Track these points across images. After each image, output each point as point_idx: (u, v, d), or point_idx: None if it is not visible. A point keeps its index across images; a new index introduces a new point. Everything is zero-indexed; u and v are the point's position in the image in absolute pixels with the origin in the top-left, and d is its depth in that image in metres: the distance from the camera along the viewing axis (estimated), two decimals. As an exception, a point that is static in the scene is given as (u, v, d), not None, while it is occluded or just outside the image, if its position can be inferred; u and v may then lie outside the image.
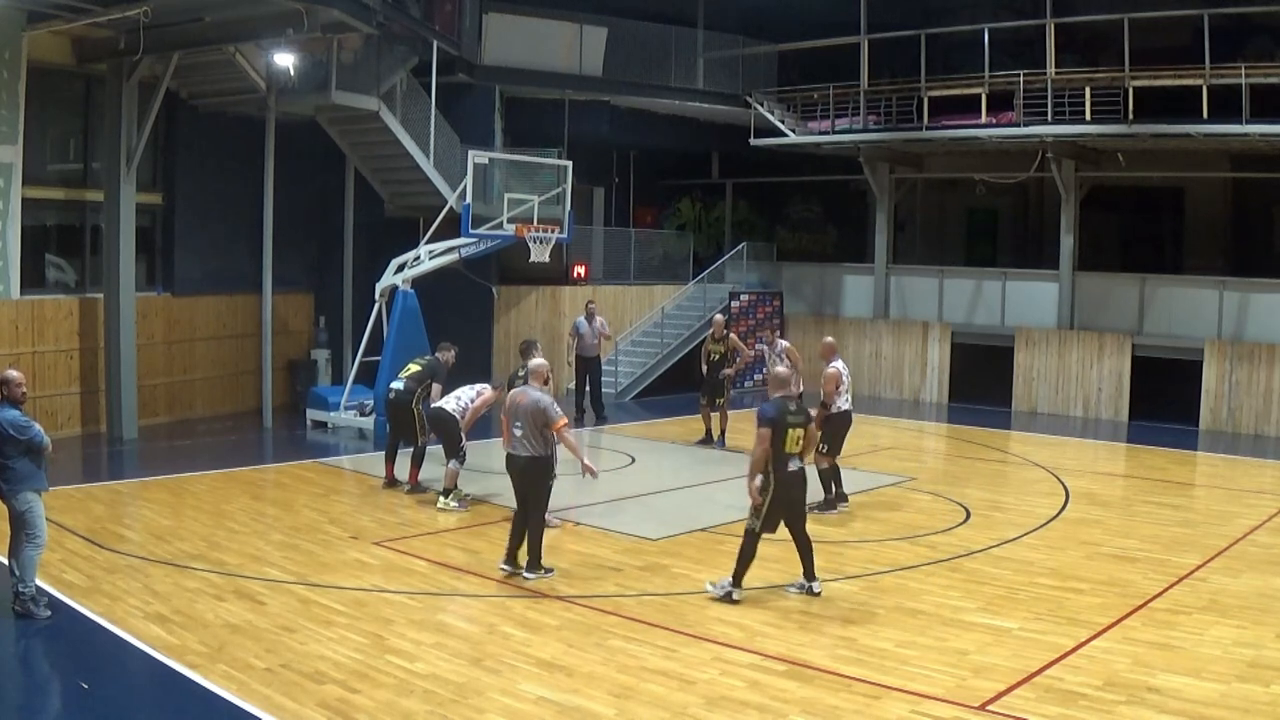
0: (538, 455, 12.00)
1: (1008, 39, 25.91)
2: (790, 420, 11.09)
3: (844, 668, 9.44)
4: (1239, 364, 23.19)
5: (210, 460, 18.40)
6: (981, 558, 13.19)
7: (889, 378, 28.38)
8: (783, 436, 11.02)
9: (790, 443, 11.08)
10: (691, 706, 8.63)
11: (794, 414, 11.18)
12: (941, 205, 32.34)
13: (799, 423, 11.18)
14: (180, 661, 9.33)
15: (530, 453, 11.96)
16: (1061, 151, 25.13)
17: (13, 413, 10.28)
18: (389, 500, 15.85)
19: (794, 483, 11.22)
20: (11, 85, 18.79)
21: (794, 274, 31.49)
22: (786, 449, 11.07)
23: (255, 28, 18.84)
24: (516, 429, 11.97)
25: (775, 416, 11.04)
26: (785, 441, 11.04)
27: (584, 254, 28.33)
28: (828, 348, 15.75)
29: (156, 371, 21.90)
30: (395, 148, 23.21)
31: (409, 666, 9.35)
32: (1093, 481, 18.20)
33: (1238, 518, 15.39)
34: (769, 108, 28.36)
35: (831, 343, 15.99)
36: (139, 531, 13.85)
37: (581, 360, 23.53)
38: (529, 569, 11.98)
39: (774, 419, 11.03)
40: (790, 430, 11.06)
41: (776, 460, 11.06)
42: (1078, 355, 25.48)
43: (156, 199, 22.54)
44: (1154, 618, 10.89)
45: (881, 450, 20.78)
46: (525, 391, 12.14)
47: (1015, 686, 9.04)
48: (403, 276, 20.87)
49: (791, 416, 11.13)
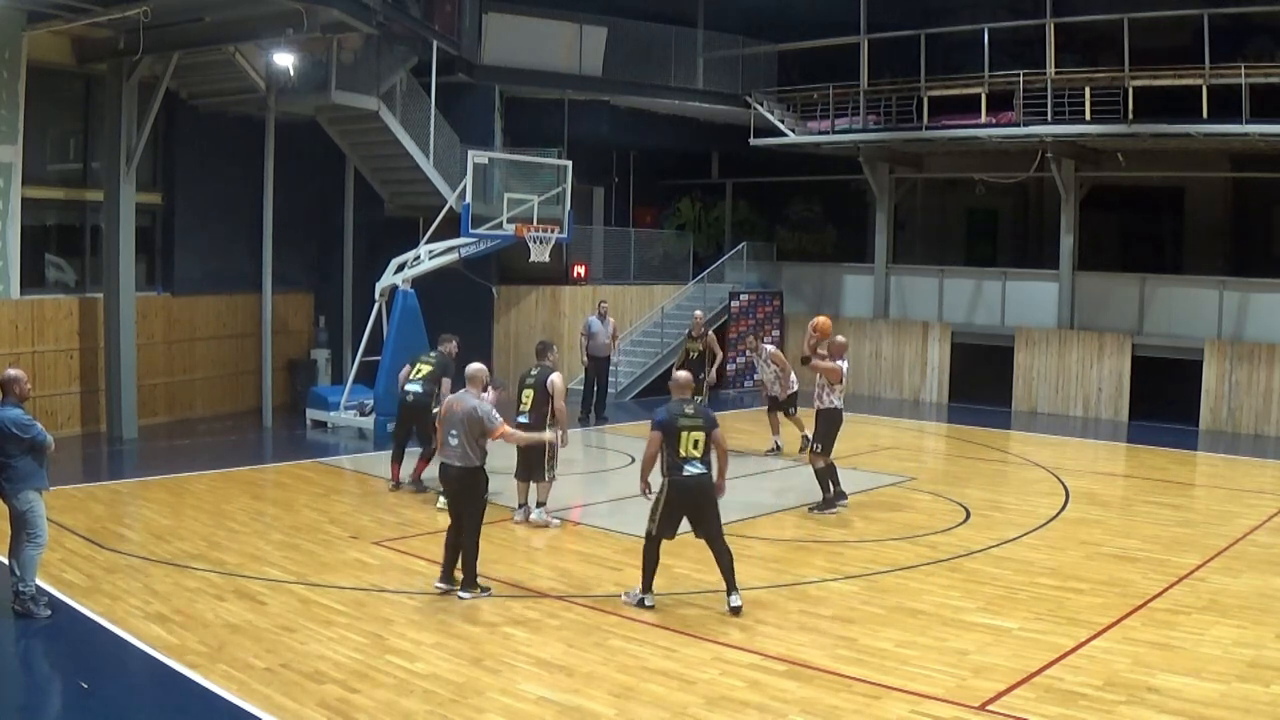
0: (471, 466, 11.31)
1: (1007, 39, 25.91)
2: (683, 424, 10.91)
3: (844, 668, 9.44)
4: (1239, 364, 23.19)
5: (210, 460, 18.40)
6: (981, 558, 13.19)
7: (889, 378, 28.37)
8: (675, 439, 10.87)
9: (686, 446, 10.87)
10: (691, 706, 8.63)
11: (689, 417, 10.97)
12: (941, 205, 32.33)
13: (695, 426, 10.93)
14: (180, 661, 9.33)
15: (464, 463, 11.27)
16: (1061, 151, 25.13)
17: (15, 411, 10.28)
18: (389, 500, 15.86)
19: (690, 486, 10.92)
20: (11, 85, 18.79)
21: (794, 274, 31.49)
22: (682, 453, 10.88)
23: (255, 28, 18.84)
24: (451, 438, 11.30)
25: (665, 420, 10.96)
26: (680, 445, 10.87)
27: (584, 254, 28.32)
28: (839, 346, 15.62)
29: (156, 371, 21.90)
30: (395, 148, 23.21)
31: (409, 666, 9.35)
32: (1093, 481, 18.20)
33: (1238, 518, 15.39)
34: (769, 108, 28.35)
35: (843, 342, 15.90)
36: (139, 531, 13.85)
37: (593, 360, 23.52)
38: (464, 588, 11.31)
39: (663, 422, 10.96)
40: (685, 433, 10.87)
41: (670, 463, 10.93)
42: (1078, 355, 25.47)
43: (156, 199, 22.55)
44: (1154, 618, 10.89)
45: (881, 450, 20.78)
46: (462, 398, 11.49)
47: (1015, 686, 9.04)
48: (403, 276, 20.87)
49: (685, 420, 10.93)
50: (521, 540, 13.77)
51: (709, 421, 11.04)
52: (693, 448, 10.88)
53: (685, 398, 11.27)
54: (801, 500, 15.71)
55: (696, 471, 10.90)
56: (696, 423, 10.93)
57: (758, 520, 14.79)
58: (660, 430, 10.94)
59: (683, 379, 11.48)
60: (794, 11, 27.79)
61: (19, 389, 10.46)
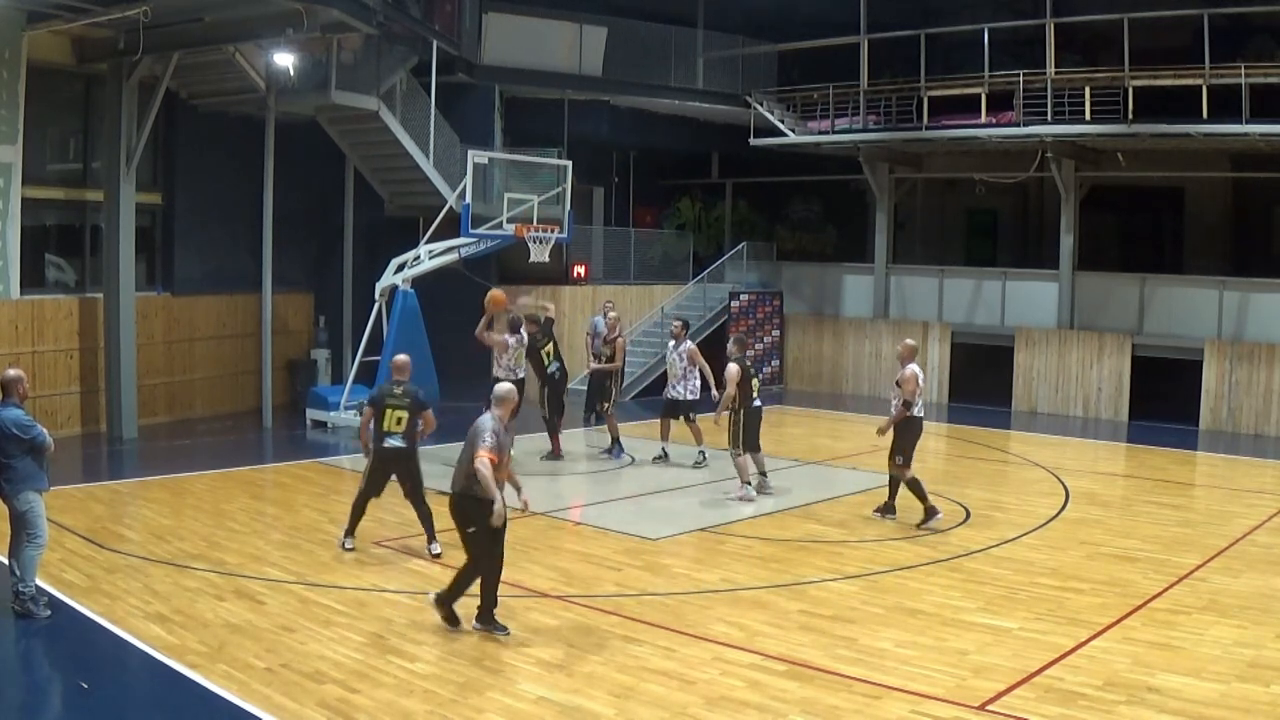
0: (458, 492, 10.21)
1: (1007, 39, 25.92)
2: (389, 402, 12.64)
3: (844, 668, 9.44)
4: (1239, 364, 23.19)
5: (210, 460, 18.40)
6: (981, 558, 13.19)
7: (889, 377, 28.22)
8: (382, 415, 12.61)
9: (389, 421, 12.58)
10: (691, 706, 8.63)
11: (395, 397, 12.66)
12: (941, 205, 32.35)
13: (400, 405, 12.60)
14: (180, 661, 9.33)
15: (459, 487, 10.16)
16: (1061, 151, 25.13)
17: (16, 412, 10.28)
18: (389, 500, 15.84)
19: (389, 456, 12.69)
20: (11, 85, 18.80)
21: (794, 274, 31.48)
22: (385, 427, 12.61)
23: (255, 28, 18.83)
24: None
25: (376, 397, 12.88)
26: (385, 420, 12.60)
27: (584, 254, 28.34)
28: (909, 350, 15.07)
29: (156, 371, 21.89)
30: (395, 147, 23.22)
31: (409, 666, 9.36)
32: (1093, 481, 18.20)
33: (1238, 518, 15.39)
34: (769, 107, 28.36)
35: (913, 345, 15.32)
36: (139, 531, 13.85)
37: (598, 360, 23.35)
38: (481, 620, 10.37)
39: (374, 399, 12.88)
40: (390, 410, 12.59)
41: (376, 435, 12.68)
42: (1078, 355, 25.48)
43: (156, 199, 22.54)
44: (1154, 618, 10.89)
45: (881, 450, 20.71)
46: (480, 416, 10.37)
47: (1015, 686, 9.04)
48: (403, 276, 20.88)
49: (392, 399, 12.65)
50: (521, 540, 13.76)
51: (415, 403, 12.67)
52: (395, 424, 12.62)
53: (400, 379, 12.85)
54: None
55: (395, 444, 12.64)
56: (402, 402, 12.65)
57: (759, 520, 14.80)
58: (371, 406, 12.85)
59: (399, 362, 13.11)
60: (794, 11, 27.81)
61: (20, 389, 10.47)
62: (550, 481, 17.17)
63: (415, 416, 12.71)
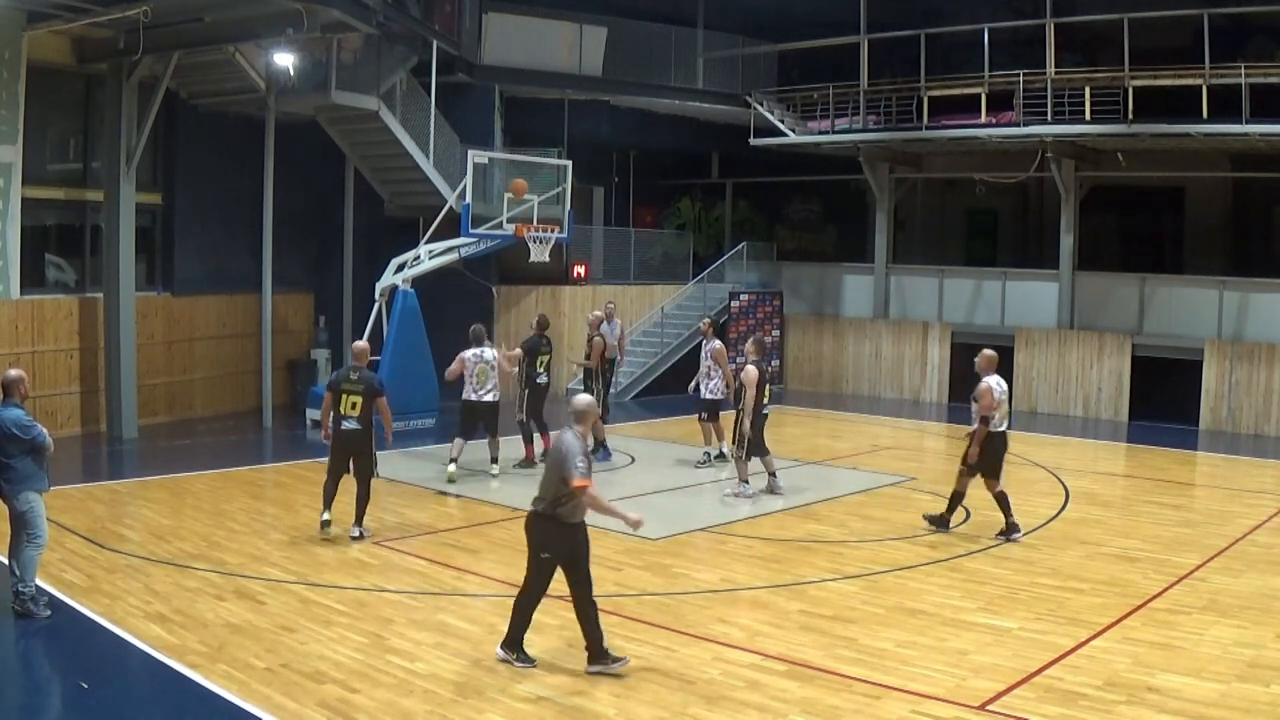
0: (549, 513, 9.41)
1: (1007, 39, 25.92)
2: (345, 387, 13.36)
3: (844, 668, 9.43)
4: (1239, 364, 23.19)
5: (210, 460, 18.41)
6: (982, 558, 13.19)
7: (889, 377, 28.38)
8: (339, 399, 13.36)
9: (345, 406, 13.33)
10: (691, 706, 8.63)
11: (351, 382, 13.37)
12: (941, 205, 32.34)
13: (354, 390, 13.30)
14: (180, 661, 9.33)
15: (543, 508, 9.45)
16: (1061, 151, 25.14)
17: (16, 412, 10.27)
18: (389, 500, 15.87)
19: (344, 439, 13.42)
20: (11, 85, 18.80)
21: (794, 274, 31.50)
22: (342, 410, 13.37)
23: (255, 28, 18.84)
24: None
25: (333, 382, 13.61)
26: (341, 404, 13.35)
27: (584, 254, 28.35)
28: (987, 361, 14.05)
29: (156, 371, 21.90)
30: (395, 147, 23.22)
31: (409, 666, 9.35)
32: (1093, 481, 18.20)
33: (1238, 518, 15.39)
34: (769, 107, 28.37)
35: (992, 355, 14.17)
36: (139, 531, 13.84)
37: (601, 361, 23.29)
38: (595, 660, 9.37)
39: (331, 384, 13.64)
40: (345, 395, 13.32)
41: (335, 419, 13.47)
42: (1078, 355, 25.48)
43: (156, 199, 22.55)
44: (1154, 618, 10.89)
45: (881, 450, 20.80)
46: (561, 434, 9.58)
47: (1015, 686, 9.04)
48: (403, 276, 20.89)
49: (348, 384, 13.37)
50: (520, 541, 13.73)
51: (369, 388, 13.35)
52: (350, 408, 13.34)
53: (356, 365, 13.59)
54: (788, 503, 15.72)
55: (350, 427, 13.36)
56: (357, 388, 13.34)
57: (759, 520, 14.80)
58: (329, 390, 13.61)
59: (358, 348, 13.94)
60: (794, 11, 27.82)
61: (21, 389, 10.47)
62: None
63: (370, 401, 13.37)
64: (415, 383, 20.39)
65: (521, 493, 16.12)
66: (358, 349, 13.94)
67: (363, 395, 13.30)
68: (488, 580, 11.95)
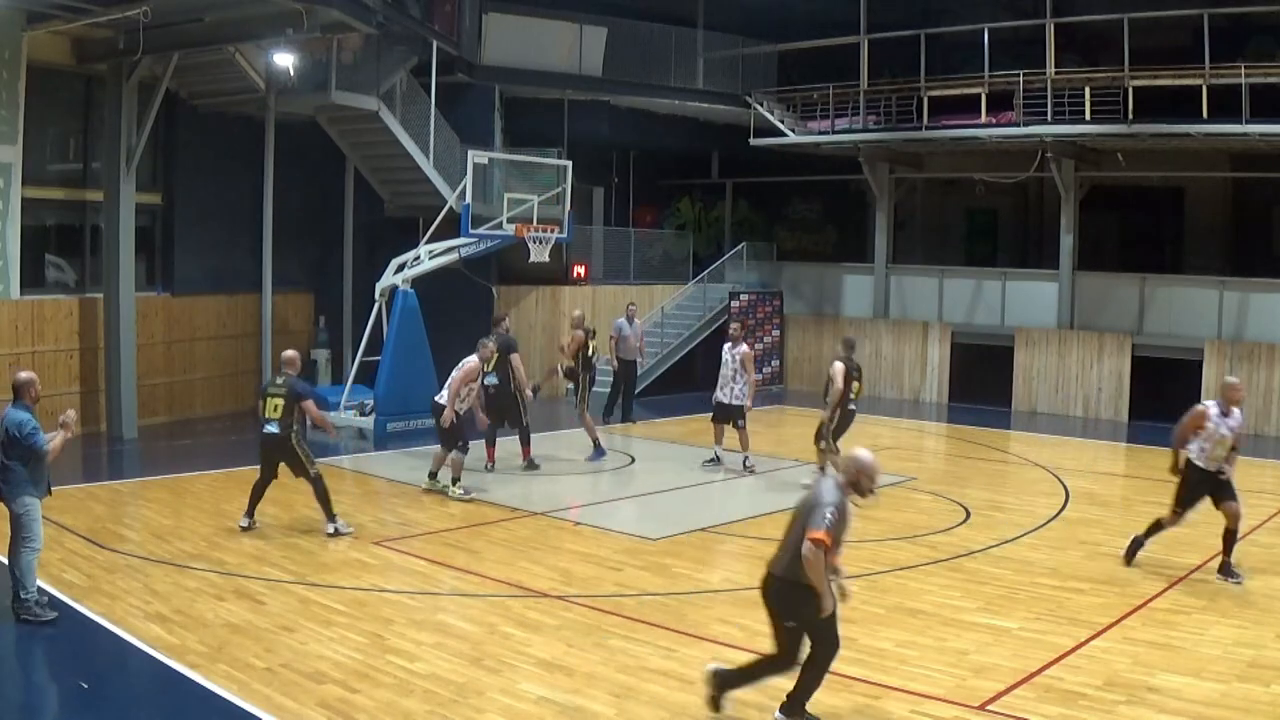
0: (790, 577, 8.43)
1: (1007, 39, 25.93)
2: (270, 390, 13.72)
3: (844, 668, 9.40)
4: (1239, 364, 23.17)
5: (210, 460, 18.40)
6: (982, 557, 13.20)
7: (889, 377, 28.37)
8: (263, 403, 13.68)
9: (268, 409, 13.55)
10: (692, 706, 8.63)
11: (276, 386, 13.70)
12: (941, 205, 32.33)
13: (277, 394, 13.56)
14: (180, 661, 9.33)
15: (781, 570, 8.52)
16: (1061, 151, 25.13)
17: (21, 415, 10.24)
18: (389, 500, 15.88)
19: (265, 442, 13.72)
20: (11, 85, 18.82)
21: (794, 274, 31.49)
22: (265, 414, 13.63)
23: (255, 28, 18.86)
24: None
25: (260, 387, 14.22)
26: (265, 407, 13.64)
27: (584, 254, 28.34)
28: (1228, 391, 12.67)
29: (156, 371, 21.90)
30: (395, 148, 23.22)
31: (409, 666, 9.35)
32: (1093, 481, 18.20)
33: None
34: (769, 107, 28.36)
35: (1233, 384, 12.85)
36: (139, 531, 13.85)
37: (621, 363, 23.27)
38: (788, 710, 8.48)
39: (258, 389, 14.22)
40: (268, 399, 13.61)
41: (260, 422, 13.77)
42: (1078, 355, 25.48)
43: (156, 199, 22.56)
44: (1154, 617, 10.89)
45: (882, 450, 20.74)
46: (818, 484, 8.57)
47: (1015, 686, 9.05)
48: (403, 276, 20.88)
49: (273, 389, 13.70)
50: (522, 540, 13.76)
51: (292, 393, 13.57)
52: (272, 410, 13.57)
53: (288, 371, 13.85)
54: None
55: (270, 430, 13.59)
56: (280, 391, 13.60)
57: (759, 520, 14.79)
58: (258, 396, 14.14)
59: (286, 356, 14.14)
60: (794, 11, 27.83)
61: (31, 392, 10.43)
62: (550, 482, 17.16)
63: (291, 405, 13.57)
64: (415, 382, 20.36)
65: (520, 493, 16.20)
66: (287, 357, 14.17)
67: (284, 398, 13.54)
68: (487, 580, 11.94)
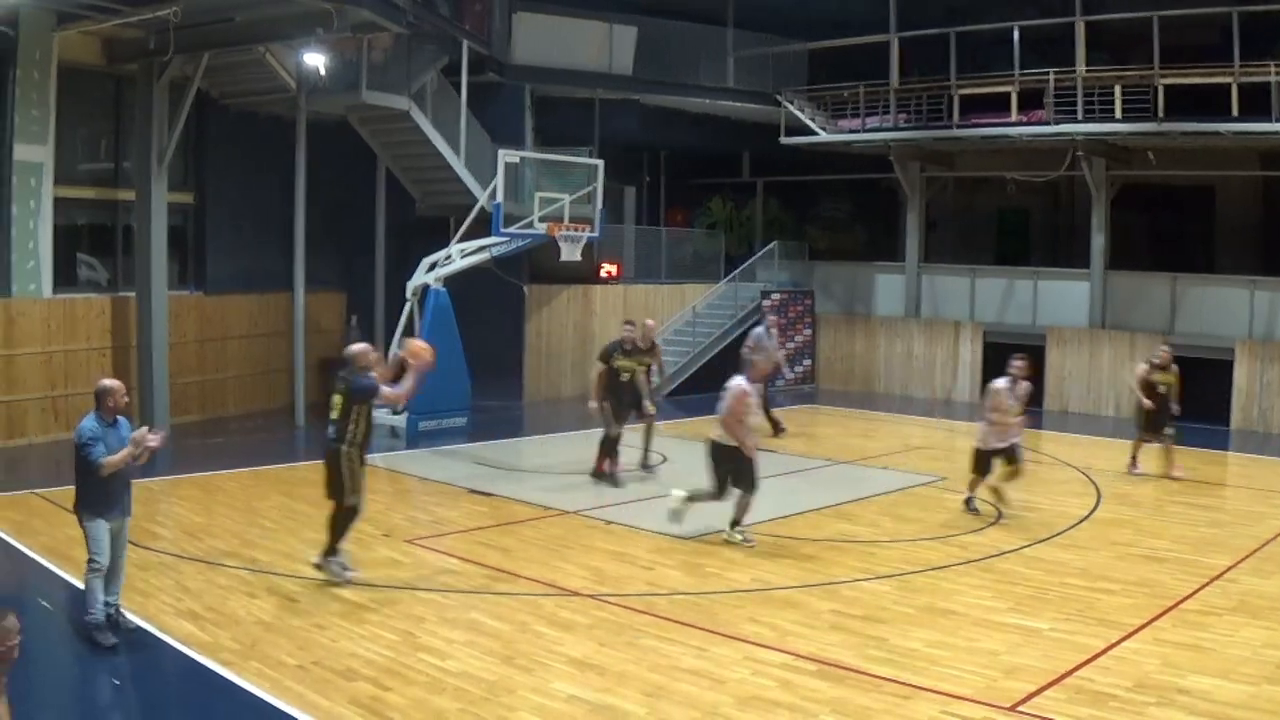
0: None
1: (1037, 37, 25.82)
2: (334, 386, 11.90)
3: (875, 668, 9.43)
4: (1270, 364, 23.06)
5: (242, 458, 18.51)
6: (1013, 558, 13.16)
7: (920, 377, 28.32)
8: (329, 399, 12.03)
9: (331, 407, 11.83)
10: (723, 706, 8.64)
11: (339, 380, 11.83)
12: (972, 204, 32.23)
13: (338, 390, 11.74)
14: (213, 658, 9.40)
15: None
16: (1092, 150, 25.04)
17: (85, 424, 9.83)
18: (420, 498, 15.94)
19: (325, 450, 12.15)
20: (42, 86, 18.95)
21: (825, 273, 31.45)
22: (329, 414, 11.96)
23: (285, 27, 18.90)
24: None
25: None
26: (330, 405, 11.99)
27: (615, 253, 28.36)
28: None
29: (188, 370, 22.00)
30: (426, 147, 23.28)
31: (440, 664, 9.39)
32: (1124, 482, 18.12)
33: (1268, 518, 15.29)
34: (799, 106, 28.35)
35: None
36: (171, 529, 13.93)
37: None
38: None
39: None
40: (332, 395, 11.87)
41: None
42: (1109, 355, 25.38)
43: (188, 198, 22.67)
44: (1184, 619, 10.85)
45: (913, 450, 20.76)
46: None
47: (1046, 687, 9.02)
48: (434, 275, 20.95)
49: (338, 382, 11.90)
50: (554, 539, 13.79)
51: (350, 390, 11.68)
52: (333, 410, 11.80)
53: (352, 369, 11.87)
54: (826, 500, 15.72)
55: (328, 434, 11.87)
56: (340, 388, 11.78)
57: (790, 520, 14.79)
58: None
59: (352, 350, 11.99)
60: (824, 10, 27.80)
61: (109, 402, 10.00)
62: (583, 481, 17.15)
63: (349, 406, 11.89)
64: (447, 382, 20.41)
65: (551, 495, 16.23)
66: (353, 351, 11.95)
67: (343, 398, 11.76)
68: (519, 579, 11.98)
